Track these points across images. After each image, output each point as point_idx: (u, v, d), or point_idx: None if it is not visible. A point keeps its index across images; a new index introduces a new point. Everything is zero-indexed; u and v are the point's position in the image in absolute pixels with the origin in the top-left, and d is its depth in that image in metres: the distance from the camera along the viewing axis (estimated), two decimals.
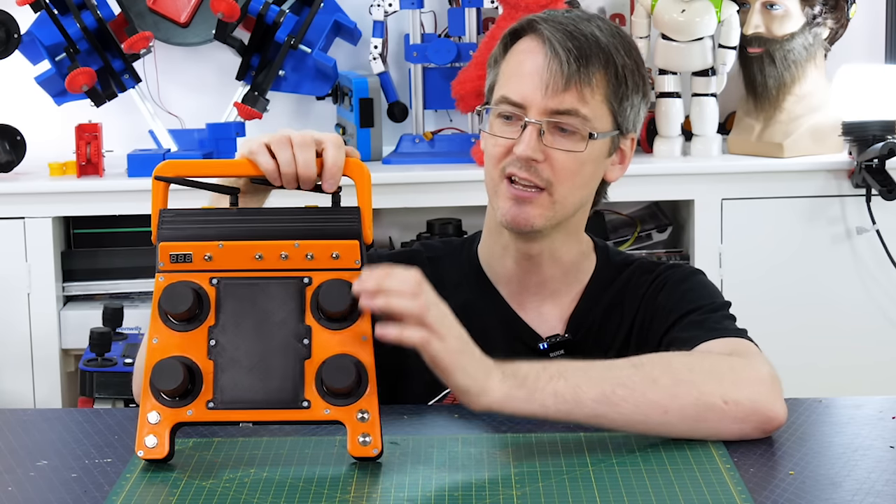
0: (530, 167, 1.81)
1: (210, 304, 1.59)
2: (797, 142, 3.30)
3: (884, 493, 1.48)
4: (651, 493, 1.48)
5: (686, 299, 1.86)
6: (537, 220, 1.83)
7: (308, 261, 1.59)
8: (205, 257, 1.60)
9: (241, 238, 1.60)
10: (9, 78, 3.42)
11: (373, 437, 1.55)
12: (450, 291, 1.89)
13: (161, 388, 1.55)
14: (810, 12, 3.29)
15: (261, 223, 1.61)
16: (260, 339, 1.58)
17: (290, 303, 1.59)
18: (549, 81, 1.80)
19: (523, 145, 1.81)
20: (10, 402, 3.16)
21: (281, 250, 1.60)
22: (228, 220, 1.62)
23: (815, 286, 3.23)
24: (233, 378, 1.57)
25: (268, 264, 1.60)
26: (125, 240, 3.29)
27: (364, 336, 1.58)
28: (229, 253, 1.60)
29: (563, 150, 1.81)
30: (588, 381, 1.61)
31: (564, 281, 1.92)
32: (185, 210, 1.64)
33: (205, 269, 1.60)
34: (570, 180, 1.83)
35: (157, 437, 1.56)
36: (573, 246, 1.92)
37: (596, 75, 1.81)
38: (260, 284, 1.59)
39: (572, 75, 1.80)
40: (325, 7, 3.26)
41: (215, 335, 1.58)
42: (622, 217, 3.48)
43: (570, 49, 1.80)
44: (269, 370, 1.57)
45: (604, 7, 3.54)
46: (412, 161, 3.30)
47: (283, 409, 1.56)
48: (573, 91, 1.80)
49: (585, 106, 1.81)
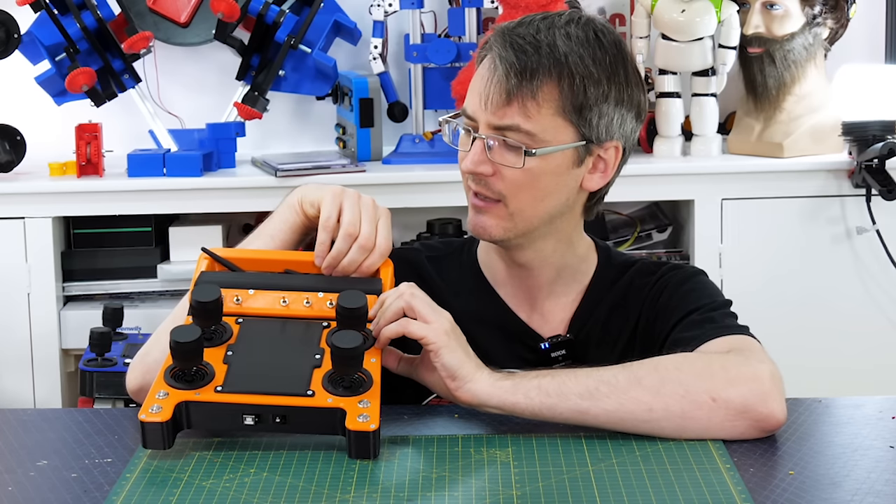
0: (480, 180, 1.83)
1: (233, 333, 1.68)
2: (797, 142, 3.30)
3: (884, 493, 1.48)
4: (651, 493, 1.48)
5: (688, 299, 1.87)
6: (495, 230, 1.84)
7: (329, 308, 1.71)
8: (234, 300, 1.71)
9: (270, 288, 1.72)
10: (9, 78, 3.42)
11: (371, 416, 1.57)
12: (450, 292, 1.90)
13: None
14: (810, 12, 3.29)
15: (290, 280, 1.74)
16: (274, 351, 1.66)
17: (307, 334, 1.68)
18: (489, 96, 1.80)
19: (467, 160, 1.83)
20: (10, 402, 3.16)
21: (305, 297, 1.71)
22: (260, 278, 1.74)
23: (815, 286, 3.23)
24: (243, 372, 1.62)
25: (291, 310, 1.71)
26: (125, 240, 3.29)
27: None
28: (257, 298, 1.71)
29: (505, 164, 1.81)
30: (574, 378, 1.65)
31: (561, 283, 1.92)
32: (222, 273, 1.76)
33: (232, 313, 1.70)
34: (523, 193, 1.82)
35: (162, 406, 1.58)
36: (566, 252, 1.91)
37: (542, 88, 1.78)
38: (281, 322, 1.70)
39: (512, 90, 1.78)
40: (325, 7, 3.26)
41: (233, 349, 1.66)
42: (622, 217, 3.48)
43: (513, 64, 1.78)
44: (278, 368, 1.63)
45: (604, 7, 3.54)
46: (412, 161, 3.30)
47: (286, 395, 1.59)
48: (514, 106, 1.79)
49: (529, 121, 1.79)
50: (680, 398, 1.62)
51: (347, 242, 1.76)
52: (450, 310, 1.69)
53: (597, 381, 1.64)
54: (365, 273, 1.76)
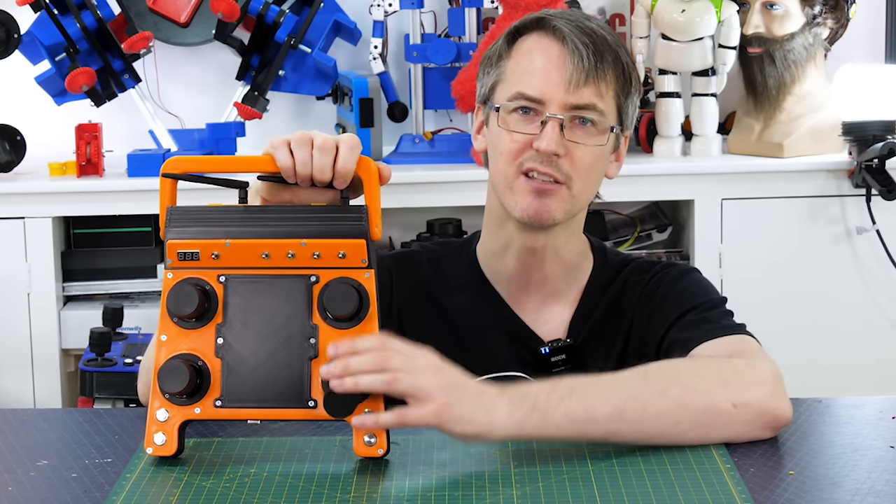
0: (551, 162, 1.81)
1: (218, 301, 1.60)
2: (797, 142, 3.30)
3: (884, 493, 1.48)
4: (651, 493, 1.48)
5: (683, 298, 1.86)
6: (558, 213, 1.83)
7: (315, 259, 1.60)
8: (212, 255, 1.61)
9: (248, 237, 1.61)
10: (9, 78, 3.42)
11: (378, 437, 1.56)
12: (450, 293, 1.90)
13: (167, 390, 1.56)
14: (810, 12, 3.29)
15: (268, 221, 1.62)
16: (267, 337, 1.59)
17: (296, 301, 1.60)
18: (570, 76, 1.81)
19: (546, 140, 1.80)
20: (10, 402, 3.16)
21: (288, 249, 1.60)
22: (236, 218, 1.62)
23: (815, 286, 3.23)
24: (240, 377, 1.58)
25: (275, 262, 1.60)
26: (125, 240, 3.29)
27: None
28: (237, 251, 1.60)
29: (585, 144, 1.82)
30: (600, 397, 1.58)
31: (565, 280, 1.92)
32: (193, 208, 1.64)
33: (212, 267, 1.61)
34: (587, 174, 1.84)
35: (166, 434, 1.57)
36: (574, 244, 1.92)
37: (610, 71, 1.82)
38: (267, 282, 1.60)
39: (591, 70, 1.81)
40: (325, 7, 3.26)
41: (223, 333, 1.59)
42: (622, 217, 3.48)
43: (588, 44, 1.81)
44: (275, 369, 1.58)
45: (604, 7, 3.54)
46: (412, 161, 3.31)
47: (289, 408, 1.57)
48: (591, 86, 1.81)
49: (602, 101, 1.82)
50: (704, 408, 1.60)
51: (304, 146, 1.61)
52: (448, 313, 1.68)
53: (624, 398, 1.58)
54: (344, 175, 1.62)
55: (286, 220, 1.62)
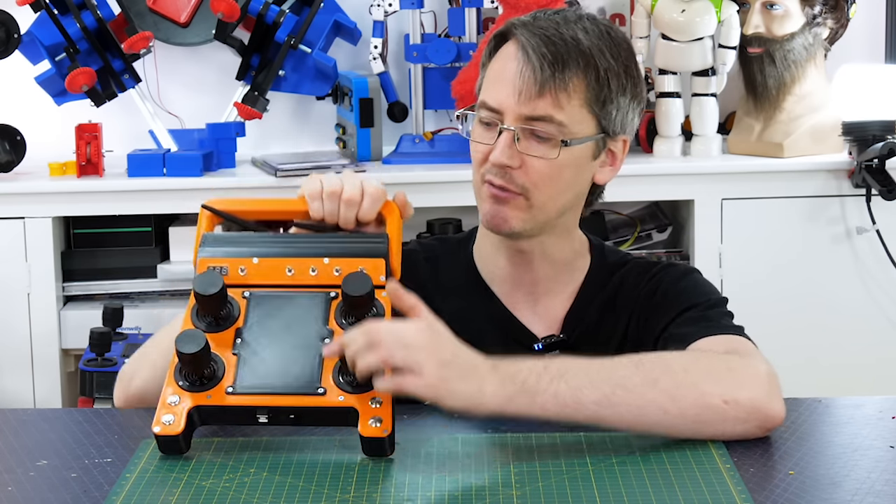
0: (505, 174, 1.82)
1: (240, 312, 1.65)
2: (797, 142, 3.30)
3: (884, 493, 1.48)
4: (651, 493, 1.48)
5: (682, 297, 1.86)
6: (515, 223, 1.83)
7: (336, 276, 1.67)
8: (239, 270, 1.68)
9: (275, 256, 1.69)
10: (9, 78, 3.42)
11: (384, 419, 1.57)
12: (446, 293, 1.90)
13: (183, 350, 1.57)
14: (810, 12, 3.30)
15: (295, 244, 1.71)
16: (283, 338, 1.63)
17: (314, 311, 1.65)
18: (522, 88, 1.79)
19: (497, 152, 1.81)
20: (10, 402, 3.16)
21: (311, 265, 1.67)
22: (266, 242, 1.71)
23: (815, 286, 3.23)
24: (252, 368, 1.61)
25: (297, 278, 1.68)
26: (125, 240, 3.29)
27: None
28: (262, 268, 1.68)
29: (537, 156, 1.81)
30: (589, 382, 1.60)
31: (558, 279, 1.92)
32: (226, 234, 1.74)
33: (239, 284, 1.67)
34: (547, 186, 1.82)
35: (175, 415, 1.58)
36: (565, 246, 1.92)
37: (573, 80, 1.79)
38: (288, 296, 1.67)
39: (546, 81, 1.79)
40: (325, 7, 3.26)
41: (241, 334, 1.64)
42: (622, 217, 3.48)
43: (545, 54, 1.79)
44: (288, 362, 1.61)
45: (604, 7, 3.54)
46: (412, 161, 3.31)
47: (298, 394, 1.58)
48: (547, 97, 1.79)
49: (561, 112, 1.80)
50: (694, 401, 1.61)
51: (333, 200, 1.72)
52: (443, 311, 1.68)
53: (612, 385, 1.60)
54: (367, 220, 1.73)
55: (312, 243, 1.71)
